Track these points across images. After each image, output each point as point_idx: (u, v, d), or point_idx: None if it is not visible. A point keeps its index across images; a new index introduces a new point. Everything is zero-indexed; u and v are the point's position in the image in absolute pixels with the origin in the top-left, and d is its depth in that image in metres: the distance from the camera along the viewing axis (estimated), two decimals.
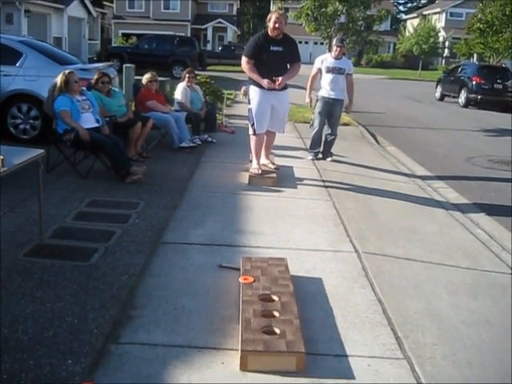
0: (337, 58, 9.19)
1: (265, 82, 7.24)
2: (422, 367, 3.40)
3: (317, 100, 9.39)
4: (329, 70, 9.17)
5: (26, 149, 4.71)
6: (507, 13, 29.42)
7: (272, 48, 7.27)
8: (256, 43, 7.33)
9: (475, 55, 37.67)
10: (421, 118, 18.59)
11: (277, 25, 7.19)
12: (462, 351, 3.65)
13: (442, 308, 4.29)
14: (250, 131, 7.66)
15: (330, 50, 9.38)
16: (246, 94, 7.40)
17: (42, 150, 4.69)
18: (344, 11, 15.56)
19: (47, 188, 6.16)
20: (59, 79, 7.23)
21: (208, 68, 34.10)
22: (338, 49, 9.13)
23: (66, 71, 7.37)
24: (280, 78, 7.33)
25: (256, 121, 7.50)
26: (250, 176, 7.53)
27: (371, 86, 31.93)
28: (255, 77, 7.32)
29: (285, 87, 7.59)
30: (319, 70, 9.31)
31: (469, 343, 3.77)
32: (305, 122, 12.80)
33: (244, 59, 7.39)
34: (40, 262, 4.48)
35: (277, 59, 7.36)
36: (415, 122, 17.57)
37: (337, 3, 14.96)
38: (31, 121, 9.21)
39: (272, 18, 7.22)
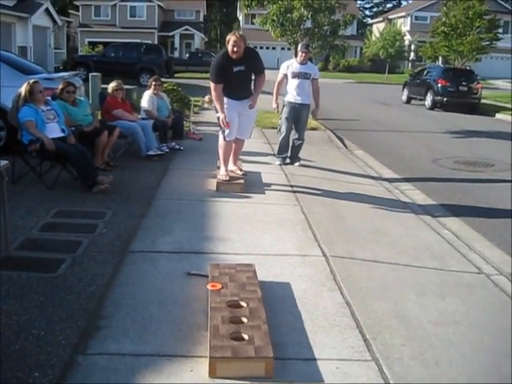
0: (302, 63, 9.24)
1: (221, 117, 7.34)
2: (391, 368, 3.43)
3: (283, 105, 9.43)
4: (294, 76, 9.23)
5: None
6: (470, 16, 29.87)
7: (234, 69, 7.32)
8: (218, 66, 7.35)
9: (440, 58, 38.18)
10: (388, 121, 18.77)
11: (235, 48, 7.20)
12: (430, 351, 3.70)
13: (409, 309, 4.33)
14: (221, 138, 7.66)
15: (295, 55, 9.40)
16: (210, 102, 7.44)
17: (6, 162, 4.65)
18: (309, 16, 15.64)
19: (13, 199, 6.10)
20: (23, 89, 7.15)
21: (175, 75, 33.99)
22: (303, 54, 9.19)
23: (31, 81, 7.30)
24: (251, 101, 7.58)
25: (226, 128, 7.52)
26: (217, 182, 7.53)
27: (339, 91, 32.15)
28: (218, 107, 7.37)
29: (249, 94, 7.64)
30: (285, 76, 9.36)
31: (437, 343, 3.82)
32: (272, 128, 12.83)
33: (212, 85, 7.40)
34: (6, 275, 4.42)
35: (240, 78, 7.43)
36: (382, 125, 17.74)
37: (302, 9, 15.03)
38: None
39: (230, 42, 7.21)
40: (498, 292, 4.89)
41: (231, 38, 7.22)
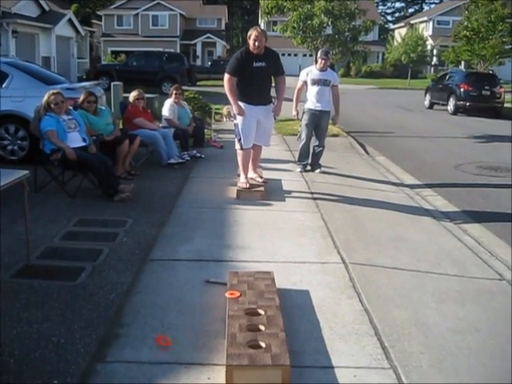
0: (322, 69, 9.25)
1: (236, 109, 7.35)
2: (409, 376, 3.41)
3: (303, 112, 9.44)
4: (314, 82, 9.23)
5: (11, 170, 4.71)
6: (492, 19, 29.64)
7: (255, 64, 7.31)
8: (238, 60, 7.34)
9: (463, 62, 37.89)
10: (410, 127, 18.68)
11: (256, 43, 7.22)
12: (449, 359, 3.67)
13: (429, 316, 4.30)
14: (237, 146, 7.69)
15: (316, 61, 9.42)
16: (229, 115, 7.44)
17: (27, 171, 4.72)
18: (330, 23, 15.66)
19: (35, 208, 6.18)
20: (45, 99, 7.26)
21: (198, 83, 34.14)
22: (323, 61, 9.19)
23: (52, 91, 7.40)
24: (276, 109, 7.68)
25: (243, 136, 7.54)
26: (238, 190, 7.55)
27: (361, 97, 32.07)
28: (232, 100, 7.36)
29: (269, 101, 7.65)
30: (305, 83, 9.37)
31: (456, 351, 3.78)
32: (293, 135, 12.84)
33: (226, 76, 7.37)
34: (27, 283, 4.49)
35: (261, 75, 7.40)
36: (405, 130, 17.65)
37: (322, 15, 15.05)
38: (19, 141, 9.23)
39: (252, 36, 7.24)
40: None
41: (253, 33, 7.25)
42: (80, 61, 38.45)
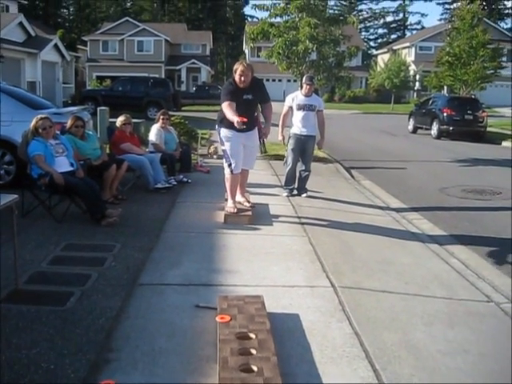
0: (307, 95, 9.35)
1: (236, 121, 7.31)
2: None
3: (289, 137, 9.50)
4: (300, 108, 9.32)
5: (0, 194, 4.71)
6: (474, 45, 30.16)
7: (244, 97, 7.39)
8: (230, 90, 7.38)
9: (445, 87, 38.32)
10: (395, 151, 18.83)
11: (243, 78, 7.28)
12: (440, 380, 3.69)
13: (418, 338, 4.32)
14: (227, 171, 7.71)
15: (301, 87, 9.51)
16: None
17: (16, 196, 4.71)
18: (314, 49, 15.77)
19: (23, 233, 6.15)
20: (33, 124, 7.26)
21: (183, 108, 34.23)
22: (308, 86, 9.29)
23: (40, 116, 7.41)
24: (264, 131, 7.95)
25: (233, 161, 7.57)
26: (225, 215, 7.55)
27: (345, 122, 32.31)
28: (233, 117, 7.30)
29: (253, 126, 7.73)
30: (290, 108, 9.46)
31: (446, 372, 3.81)
32: (279, 160, 12.89)
33: (225, 103, 7.31)
34: (15, 308, 4.45)
35: (248, 106, 7.49)
36: (389, 155, 17.78)
37: (307, 41, 15.15)
38: (5, 166, 9.20)
39: (237, 71, 7.29)
40: (508, 320, 4.86)
41: (238, 68, 7.31)
42: (65, 86, 38.42)
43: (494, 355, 4.13)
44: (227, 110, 7.28)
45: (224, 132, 7.58)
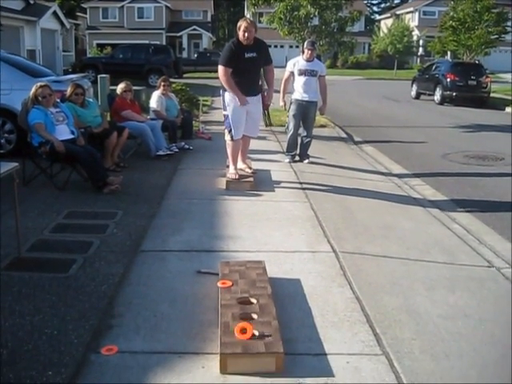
0: (308, 60, 9.26)
1: (241, 100, 7.30)
2: (401, 362, 3.45)
3: (291, 103, 9.45)
4: (301, 73, 9.25)
5: (0, 163, 4.69)
6: (478, 10, 29.78)
7: (246, 55, 7.31)
8: (230, 51, 7.31)
9: (449, 53, 38.02)
10: (397, 117, 18.74)
11: (246, 34, 7.21)
12: (440, 344, 3.71)
13: (419, 303, 4.34)
14: (227, 137, 7.68)
15: (303, 52, 9.41)
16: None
17: (16, 164, 4.70)
18: (316, 14, 15.59)
19: (25, 201, 6.16)
20: (32, 92, 7.22)
21: (184, 75, 34.03)
22: (309, 51, 9.20)
23: (40, 84, 7.36)
24: (268, 97, 7.93)
25: (233, 127, 7.54)
26: (227, 181, 7.55)
27: (348, 87, 32.13)
28: (232, 91, 7.33)
29: (258, 91, 7.67)
30: (292, 73, 9.38)
31: (447, 336, 3.82)
32: (281, 126, 12.84)
33: (221, 68, 7.32)
34: (18, 276, 4.47)
35: (251, 65, 7.42)
36: (392, 121, 17.71)
37: (309, 6, 14.97)
38: (6, 135, 9.16)
39: (241, 27, 7.23)
40: (509, 285, 4.88)
41: (242, 24, 7.23)
42: (65, 54, 38.10)
43: (494, 320, 4.15)
44: (224, 78, 7.30)
45: (228, 96, 7.52)
